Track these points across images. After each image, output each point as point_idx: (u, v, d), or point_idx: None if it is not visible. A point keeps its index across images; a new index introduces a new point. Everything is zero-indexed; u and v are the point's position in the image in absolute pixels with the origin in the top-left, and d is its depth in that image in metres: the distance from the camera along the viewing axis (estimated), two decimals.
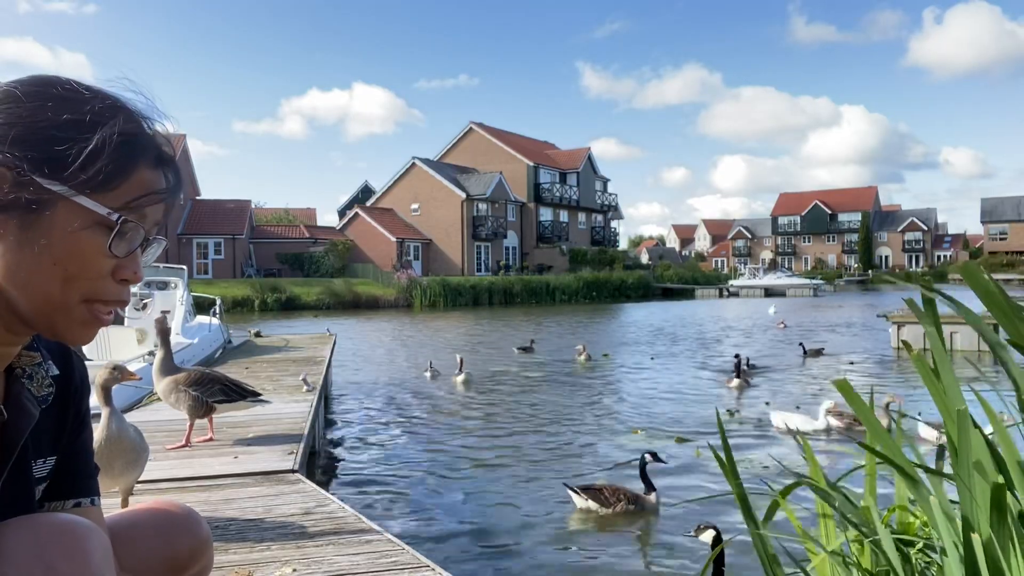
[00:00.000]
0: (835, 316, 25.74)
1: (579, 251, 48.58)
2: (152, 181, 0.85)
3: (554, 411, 8.48)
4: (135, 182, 0.83)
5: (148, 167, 0.85)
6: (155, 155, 0.86)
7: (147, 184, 0.84)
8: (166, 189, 0.87)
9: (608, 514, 4.70)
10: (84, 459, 1.01)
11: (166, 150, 0.88)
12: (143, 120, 0.87)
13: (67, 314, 0.82)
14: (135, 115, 0.86)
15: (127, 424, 2.90)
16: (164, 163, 0.88)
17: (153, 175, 0.85)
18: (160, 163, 0.87)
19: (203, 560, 1.14)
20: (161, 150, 0.88)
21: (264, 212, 55.32)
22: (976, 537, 1.09)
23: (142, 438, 2.98)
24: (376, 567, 2.59)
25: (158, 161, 0.87)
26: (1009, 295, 1.15)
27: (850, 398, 1.34)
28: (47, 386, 0.94)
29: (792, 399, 9.06)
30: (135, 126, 0.85)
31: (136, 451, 2.90)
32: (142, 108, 0.88)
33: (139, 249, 0.85)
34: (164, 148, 0.88)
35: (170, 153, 0.89)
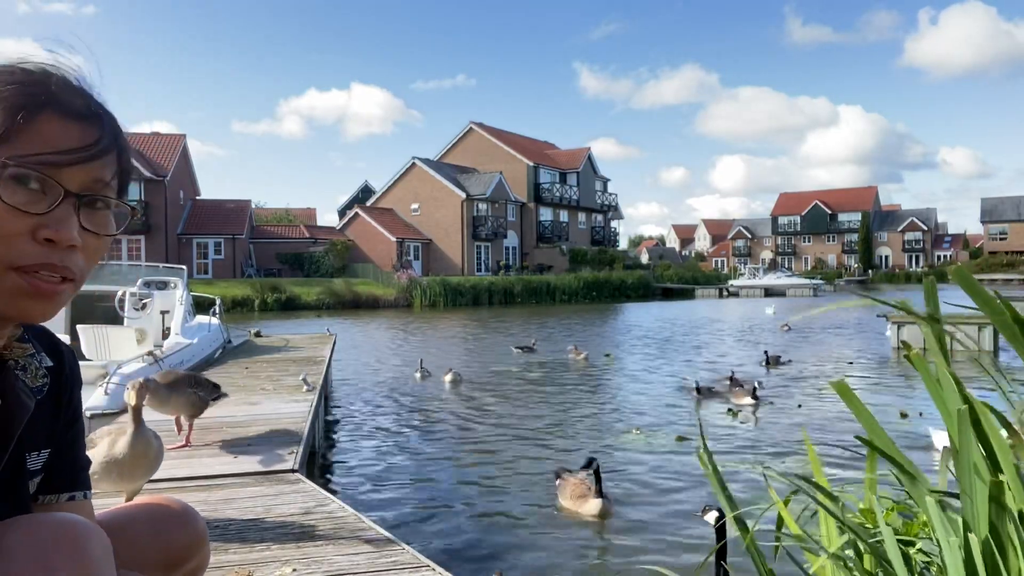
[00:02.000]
0: (835, 316, 25.73)
1: (579, 251, 48.57)
2: (59, 132, 0.80)
3: (554, 411, 8.48)
4: (36, 134, 0.78)
5: (55, 119, 0.80)
6: (64, 105, 0.81)
7: (52, 135, 0.79)
8: (85, 143, 0.81)
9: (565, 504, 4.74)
10: (76, 452, 1.00)
11: (84, 104, 0.83)
12: (49, 73, 0.83)
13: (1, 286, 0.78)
14: (37, 70, 0.82)
15: (152, 436, 2.93)
16: (78, 115, 0.82)
17: (64, 127, 0.80)
18: (77, 115, 0.82)
19: (199, 556, 1.14)
20: (74, 103, 0.82)
21: (264, 212, 55.35)
22: (974, 537, 1.09)
23: (161, 443, 3.01)
24: (376, 567, 2.59)
25: (72, 113, 0.82)
26: (1005, 295, 1.15)
27: (847, 399, 1.34)
28: (42, 377, 0.93)
29: (793, 401, 9.05)
30: (31, 77, 0.81)
31: (157, 460, 2.95)
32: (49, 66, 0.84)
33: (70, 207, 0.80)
34: (75, 99, 0.83)
35: (84, 104, 0.84)
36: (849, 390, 1.33)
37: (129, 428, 2.85)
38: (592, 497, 4.66)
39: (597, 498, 4.65)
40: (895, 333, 14.35)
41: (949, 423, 1.20)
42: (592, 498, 4.66)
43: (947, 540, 1.17)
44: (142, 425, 2.89)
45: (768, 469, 5.74)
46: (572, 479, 4.85)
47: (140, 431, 2.86)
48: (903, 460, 1.32)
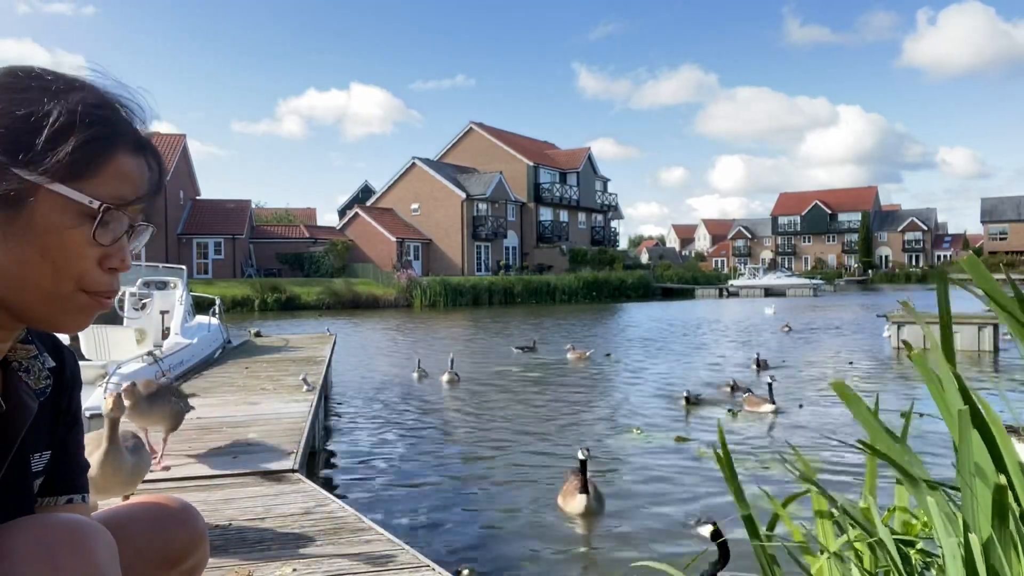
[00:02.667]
0: (836, 316, 25.75)
1: (579, 251, 48.56)
2: (131, 167, 0.84)
3: (554, 411, 8.48)
4: (113, 169, 0.82)
5: (127, 153, 0.84)
6: (133, 140, 0.85)
7: (126, 171, 0.84)
8: (148, 177, 0.86)
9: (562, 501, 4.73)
10: (76, 454, 1.01)
11: (144, 135, 0.87)
12: (118, 106, 0.86)
13: (64, 304, 0.82)
14: (110, 100, 0.85)
15: (128, 453, 2.81)
16: (143, 148, 0.87)
17: (132, 162, 0.84)
18: (139, 149, 0.86)
19: (198, 554, 1.14)
20: (139, 135, 0.86)
21: (264, 212, 55.32)
22: (975, 538, 1.09)
23: (139, 458, 2.89)
24: (376, 567, 2.59)
25: (137, 146, 0.85)
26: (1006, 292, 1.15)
27: (847, 400, 1.34)
28: (44, 378, 0.94)
29: (793, 401, 9.05)
30: (110, 112, 0.84)
31: (133, 476, 2.82)
32: (116, 95, 0.87)
33: (125, 237, 0.85)
34: (142, 133, 0.87)
35: (148, 138, 0.88)
36: (849, 390, 1.33)
37: (103, 444, 2.68)
38: (577, 494, 4.63)
39: (581, 494, 4.62)
40: (895, 333, 14.36)
41: (950, 423, 1.20)
42: (577, 495, 4.63)
43: (947, 540, 1.17)
44: (116, 441, 2.73)
45: (767, 470, 5.75)
46: (573, 478, 4.85)
47: (113, 448, 2.69)
48: (902, 461, 1.32)
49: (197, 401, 6.38)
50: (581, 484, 4.63)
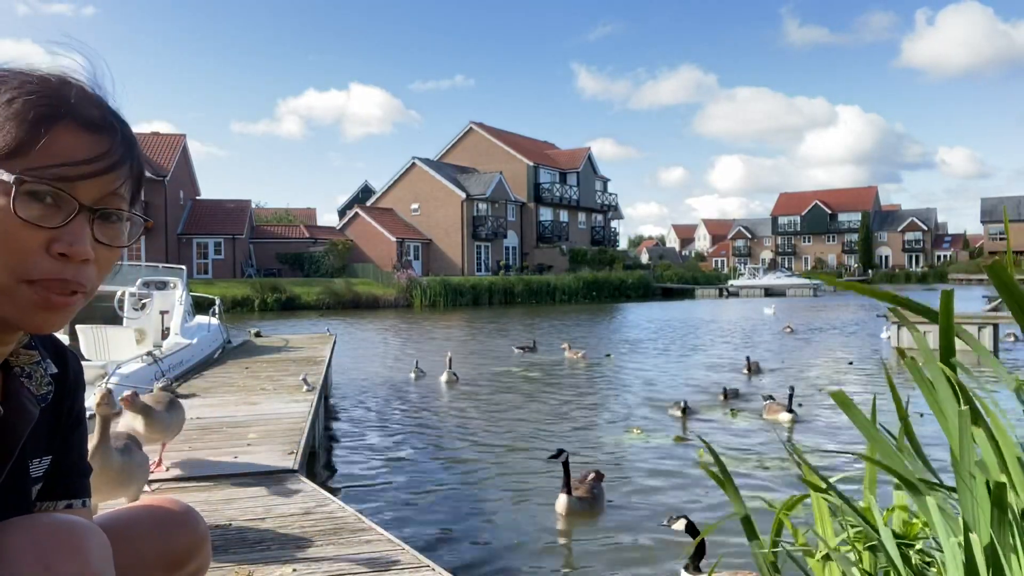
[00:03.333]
0: (836, 317, 25.76)
1: (579, 251, 48.56)
2: (73, 144, 0.79)
3: (553, 410, 8.48)
4: (50, 146, 0.77)
5: (69, 131, 0.79)
6: (81, 117, 0.80)
7: (66, 147, 0.78)
8: (104, 156, 0.81)
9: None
10: (77, 459, 1.00)
11: (100, 114, 0.82)
12: (66, 83, 0.81)
13: (12, 298, 0.77)
14: (52, 79, 0.81)
15: (118, 453, 2.76)
16: (96, 127, 0.81)
17: (78, 139, 0.79)
18: (91, 126, 0.81)
19: (200, 557, 1.13)
20: (91, 112, 0.81)
21: (264, 212, 55.33)
22: (975, 538, 1.09)
23: (134, 457, 2.84)
24: (376, 567, 2.59)
25: (87, 124, 0.80)
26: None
27: (846, 408, 1.34)
28: (46, 384, 0.93)
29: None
30: (46, 87, 0.79)
31: (124, 478, 2.77)
32: (67, 73, 0.83)
33: (84, 220, 0.79)
34: (90, 110, 0.81)
35: (105, 117, 0.83)
36: (848, 400, 1.33)
37: (92, 442, 2.58)
38: (561, 493, 4.66)
39: (562, 494, 4.64)
40: (895, 333, 14.35)
41: (943, 424, 1.20)
42: (560, 494, 4.66)
43: (947, 541, 1.17)
44: (106, 440, 2.68)
45: (767, 470, 5.75)
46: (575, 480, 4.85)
47: (101, 447, 2.63)
48: (901, 468, 1.32)
49: (197, 401, 6.38)
50: (564, 483, 4.66)
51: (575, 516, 4.61)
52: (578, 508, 4.63)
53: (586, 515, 4.65)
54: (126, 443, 2.90)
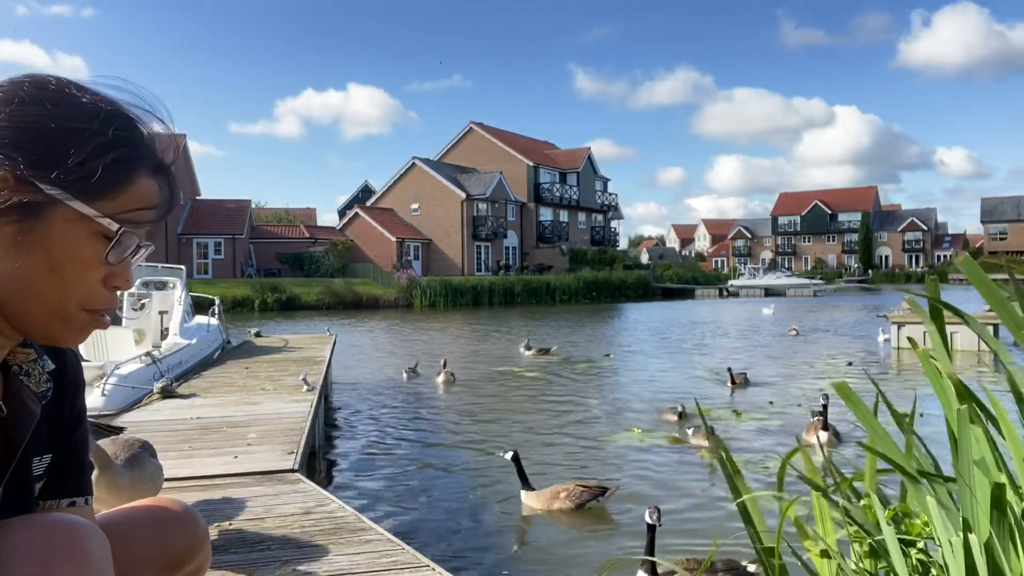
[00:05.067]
0: (836, 317, 25.77)
1: (579, 251, 48.56)
2: (149, 190, 0.85)
3: (553, 410, 8.48)
4: (133, 191, 0.83)
5: (147, 176, 0.84)
6: (154, 163, 0.86)
7: (145, 193, 0.84)
8: (163, 200, 0.87)
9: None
10: (78, 456, 1.00)
11: (164, 158, 0.88)
12: (142, 126, 0.86)
13: (66, 321, 0.82)
14: (135, 120, 0.85)
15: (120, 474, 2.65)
16: (162, 172, 0.87)
17: (151, 184, 0.85)
18: (158, 171, 0.86)
19: (200, 557, 1.14)
20: (159, 158, 0.87)
21: (264, 212, 55.35)
22: (975, 537, 1.08)
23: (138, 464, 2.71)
24: (376, 567, 2.59)
25: (156, 169, 0.86)
26: (1005, 292, 1.15)
27: (849, 400, 1.34)
28: (45, 382, 0.93)
29: (792, 400, 9.05)
30: (135, 133, 0.84)
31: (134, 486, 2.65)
32: (141, 113, 0.87)
33: (130, 257, 0.85)
34: (162, 156, 0.87)
35: (168, 161, 0.88)
36: (850, 391, 1.33)
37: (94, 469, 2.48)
38: (522, 489, 4.90)
39: (522, 489, 4.89)
40: (895, 333, 14.36)
41: (952, 419, 1.20)
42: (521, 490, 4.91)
43: (948, 540, 1.17)
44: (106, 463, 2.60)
45: (767, 469, 5.75)
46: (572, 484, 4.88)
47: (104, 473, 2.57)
48: (903, 461, 1.32)
49: (197, 401, 6.38)
50: (522, 482, 4.90)
51: (532, 513, 4.77)
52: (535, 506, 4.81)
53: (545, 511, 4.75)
54: (134, 453, 2.74)
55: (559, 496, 4.74)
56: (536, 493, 4.85)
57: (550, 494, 4.78)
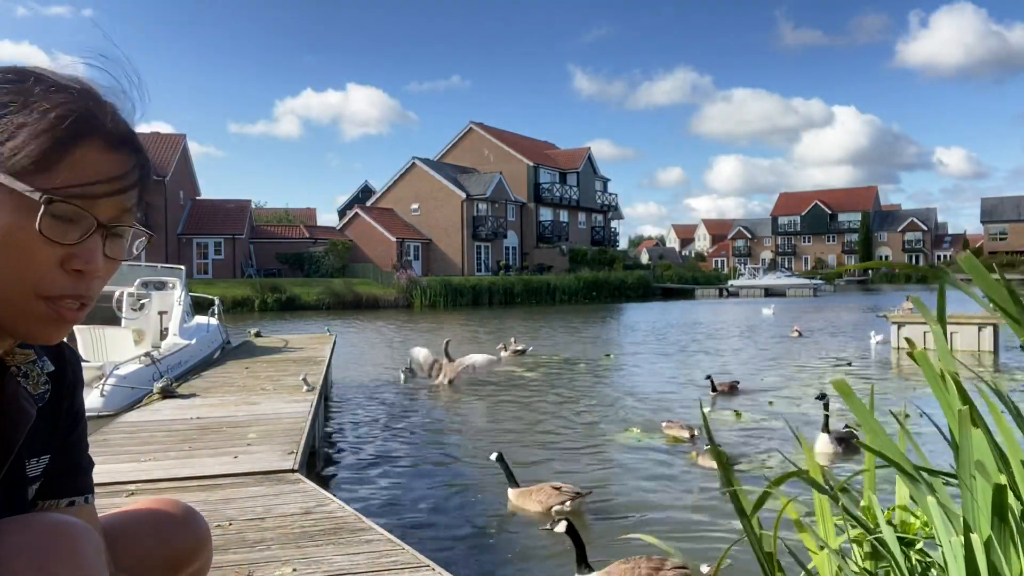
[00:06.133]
0: (836, 318, 25.76)
1: (579, 251, 48.57)
2: (97, 161, 0.78)
3: (552, 410, 8.47)
4: (72, 162, 0.77)
5: (94, 147, 0.78)
6: (106, 134, 0.80)
7: (89, 164, 0.78)
8: (121, 173, 0.80)
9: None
10: (78, 456, 0.98)
11: (122, 130, 0.82)
12: (95, 96, 0.81)
13: (24, 312, 0.78)
14: (86, 93, 0.80)
15: None
16: (120, 144, 0.81)
17: (101, 155, 0.79)
18: (115, 144, 0.80)
19: (202, 557, 1.13)
20: (116, 129, 0.81)
21: (264, 212, 55.35)
22: (976, 537, 1.08)
23: None
24: (376, 567, 2.59)
25: (111, 141, 0.80)
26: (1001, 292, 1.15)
27: (848, 399, 1.34)
28: (43, 383, 0.92)
29: (790, 401, 9.05)
30: (80, 103, 0.79)
31: None
32: (96, 86, 0.82)
33: (98, 237, 0.79)
34: (118, 126, 0.81)
35: (128, 133, 0.82)
36: (849, 389, 1.33)
37: None
38: (509, 488, 4.99)
39: (510, 488, 4.97)
40: (895, 333, 14.35)
41: (952, 420, 1.20)
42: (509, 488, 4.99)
43: (948, 540, 1.17)
44: None
45: (770, 469, 5.74)
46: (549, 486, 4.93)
47: None
48: (903, 460, 1.32)
49: (197, 401, 6.38)
50: (509, 480, 5.01)
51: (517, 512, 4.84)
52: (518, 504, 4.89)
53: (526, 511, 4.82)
54: None
55: (531, 496, 4.83)
56: (520, 491, 4.92)
57: (529, 492, 4.87)
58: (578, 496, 4.76)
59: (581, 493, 4.79)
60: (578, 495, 4.76)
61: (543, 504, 4.72)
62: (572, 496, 4.74)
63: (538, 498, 4.77)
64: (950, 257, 77.23)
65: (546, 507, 4.71)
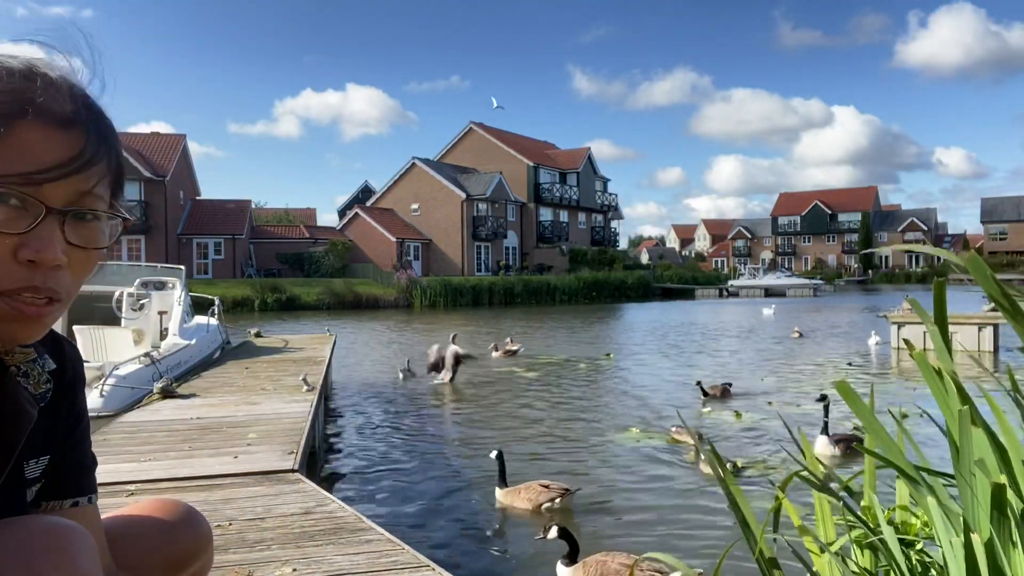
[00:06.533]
0: (837, 318, 25.76)
1: (579, 251, 48.57)
2: (43, 143, 0.73)
3: (552, 410, 8.48)
4: (14, 146, 0.72)
5: (37, 128, 0.73)
6: (50, 113, 0.74)
7: (30, 145, 0.72)
8: (71, 154, 0.75)
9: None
10: (80, 455, 0.97)
11: (64, 107, 0.75)
12: (35, 75, 0.75)
13: None
14: (25, 69, 0.75)
15: None
16: (68, 123, 0.75)
17: (46, 137, 0.73)
18: (63, 123, 0.75)
19: (203, 557, 1.13)
20: (63, 107, 0.75)
21: (264, 212, 55.37)
22: (976, 537, 1.08)
23: None
24: (376, 567, 2.59)
25: (58, 120, 0.74)
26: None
27: (849, 399, 1.34)
28: (44, 383, 0.89)
29: (791, 402, 9.05)
30: (15, 78, 0.73)
31: None
32: (39, 64, 0.76)
33: (55, 224, 0.74)
34: (64, 105, 0.75)
35: (73, 110, 0.76)
36: (851, 389, 1.32)
37: None
38: (496, 487, 5.05)
39: (498, 487, 5.03)
40: (895, 334, 14.35)
41: (951, 421, 1.20)
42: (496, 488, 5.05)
43: (949, 540, 1.17)
44: None
45: (773, 470, 5.74)
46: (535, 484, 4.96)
47: None
48: (902, 461, 1.32)
49: (197, 401, 6.38)
50: (500, 477, 5.06)
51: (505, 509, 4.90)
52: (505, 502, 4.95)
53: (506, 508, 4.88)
54: None
55: (519, 494, 4.85)
56: (508, 490, 4.96)
57: (517, 491, 4.90)
58: (566, 493, 4.76)
59: (569, 490, 4.80)
60: (566, 492, 4.77)
61: (532, 502, 4.73)
62: (560, 493, 4.75)
63: (527, 496, 4.78)
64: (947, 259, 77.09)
65: (535, 505, 4.71)
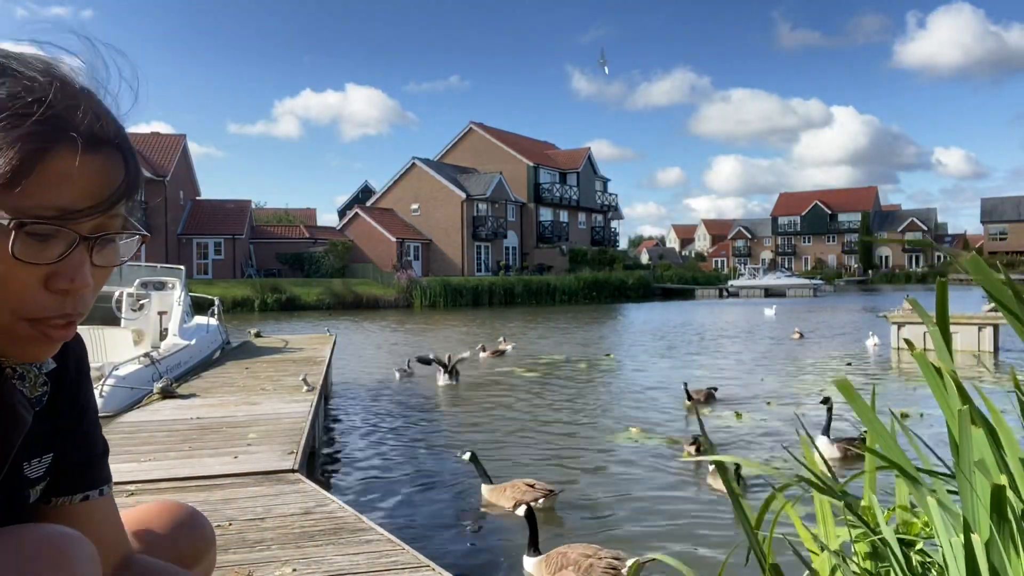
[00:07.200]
0: (837, 318, 25.77)
1: (579, 251, 48.57)
2: (73, 170, 0.70)
3: (552, 410, 8.47)
4: (45, 175, 0.69)
5: (69, 154, 0.70)
6: (85, 138, 0.71)
7: (64, 175, 0.70)
8: (107, 182, 0.73)
9: None
10: (87, 449, 0.94)
11: (106, 130, 0.73)
12: (78, 99, 0.72)
13: (9, 336, 0.73)
14: (65, 93, 0.72)
15: None
16: (102, 146, 0.73)
17: (78, 163, 0.71)
18: (94, 146, 0.72)
19: (206, 560, 1.13)
20: (96, 130, 0.72)
21: (264, 212, 55.38)
22: (976, 537, 1.08)
23: None
24: (376, 567, 2.59)
25: (90, 145, 0.71)
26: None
27: (850, 398, 1.34)
28: (41, 385, 0.87)
29: (790, 403, 9.05)
30: (64, 101, 0.71)
31: None
32: (80, 81, 0.74)
33: (84, 251, 0.73)
34: (106, 129, 0.73)
35: (109, 133, 0.74)
36: (851, 388, 1.32)
37: None
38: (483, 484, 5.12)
39: (484, 484, 5.10)
40: (895, 334, 14.35)
41: (951, 421, 1.20)
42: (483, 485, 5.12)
43: (949, 540, 1.17)
44: None
45: (776, 470, 5.74)
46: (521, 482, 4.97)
47: None
48: (903, 461, 1.32)
49: (197, 401, 6.38)
50: (482, 476, 5.14)
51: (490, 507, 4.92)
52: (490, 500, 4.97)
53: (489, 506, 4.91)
54: None
55: (504, 492, 4.86)
56: (493, 487, 4.98)
57: (503, 488, 4.91)
58: (550, 494, 4.78)
59: (553, 490, 4.82)
60: (550, 492, 4.78)
61: (516, 500, 4.74)
62: (544, 493, 4.76)
63: (511, 494, 4.79)
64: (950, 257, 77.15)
65: (519, 503, 4.72)
